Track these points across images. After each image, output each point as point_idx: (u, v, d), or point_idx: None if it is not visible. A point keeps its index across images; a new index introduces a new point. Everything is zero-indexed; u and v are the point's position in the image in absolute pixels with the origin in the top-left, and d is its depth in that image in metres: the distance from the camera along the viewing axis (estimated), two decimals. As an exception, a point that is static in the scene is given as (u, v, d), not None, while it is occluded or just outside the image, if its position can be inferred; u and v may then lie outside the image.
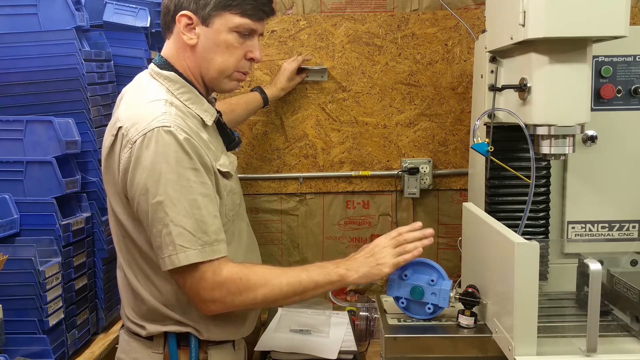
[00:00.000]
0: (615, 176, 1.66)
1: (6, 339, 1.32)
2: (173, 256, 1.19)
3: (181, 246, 1.19)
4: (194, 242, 1.20)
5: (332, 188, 2.16)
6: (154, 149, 1.18)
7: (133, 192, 1.21)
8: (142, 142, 1.19)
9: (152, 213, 1.19)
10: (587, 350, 1.21)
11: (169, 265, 1.20)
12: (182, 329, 1.31)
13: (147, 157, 1.19)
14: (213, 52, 1.30)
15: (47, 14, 1.58)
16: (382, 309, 1.58)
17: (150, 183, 1.18)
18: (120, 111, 1.28)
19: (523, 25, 1.31)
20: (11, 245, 1.40)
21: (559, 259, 1.69)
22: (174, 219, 1.18)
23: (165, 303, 1.30)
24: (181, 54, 1.32)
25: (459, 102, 2.09)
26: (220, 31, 1.28)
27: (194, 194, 1.21)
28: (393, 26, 2.07)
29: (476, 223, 1.51)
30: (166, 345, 1.32)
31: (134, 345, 1.36)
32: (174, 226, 1.18)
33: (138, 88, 1.34)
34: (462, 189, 2.13)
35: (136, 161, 1.19)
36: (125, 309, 1.37)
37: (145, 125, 1.20)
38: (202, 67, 1.32)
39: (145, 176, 1.19)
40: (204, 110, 1.34)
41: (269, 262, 2.20)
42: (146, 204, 1.19)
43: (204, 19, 1.28)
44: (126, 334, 1.39)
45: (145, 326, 1.32)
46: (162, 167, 1.18)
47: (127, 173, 1.21)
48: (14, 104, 1.56)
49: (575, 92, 1.35)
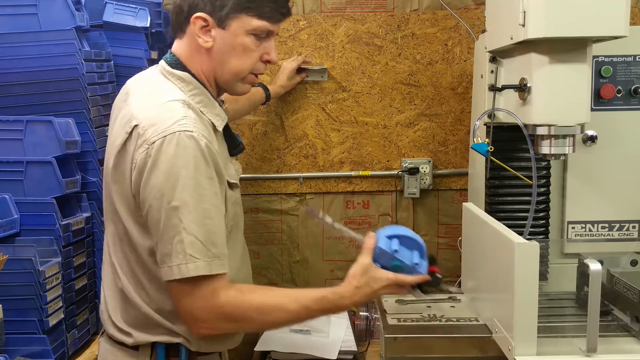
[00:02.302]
0: (615, 176, 1.66)
1: (6, 339, 1.32)
2: (182, 265, 1.14)
3: (191, 256, 1.14)
4: (203, 253, 1.15)
5: (332, 188, 2.16)
6: (174, 153, 1.14)
7: (146, 194, 1.16)
8: (162, 144, 1.14)
9: (166, 218, 1.14)
10: (587, 350, 1.21)
11: (176, 274, 1.14)
12: (172, 339, 1.25)
13: (166, 160, 1.14)
14: (229, 54, 1.26)
15: (47, 14, 1.58)
16: (382, 309, 1.58)
17: (166, 187, 1.14)
18: (134, 108, 1.22)
19: (523, 25, 1.31)
20: (11, 245, 1.40)
21: (559, 259, 1.69)
22: (187, 227, 1.14)
23: (158, 310, 1.24)
24: (195, 56, 1.27)
25: (459, 102, 2.09)
26: (238, 34, 1.24)
27: (207, 203, 1.17)
28: (393, 26, 2.07)
29: (476, 223, 1.51)
30: (153, 356, 1.25)
31: (118, 355, 1.28)
32: (186, 234, 1.14)
33: (151, 85, 1.28)
34: (462, 189, 2.13)
35: (153, 163, 1.14)
36: (111, 313, 1.28)
37: (165, 128, 1.15)
38: (217, 70, 1.28)
39: (162, 179, 1.14)
40: (215, 114, 1.29)
41: (269, 262, 2.21)
42: (159, 208, 1.14)
43: (220, 21, 1.23)
44: (108, 342, 1.31)
45: (133, 334, 1.25)
46: (180, 172, 1.14)
47: (142, 174, 1.16)
48: (14, 104, 1.56)
49: (575, 92, 1.35)
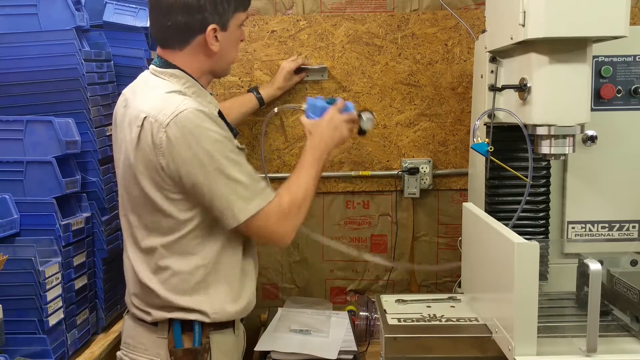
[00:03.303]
0: (615, 176, 1.66)
1: (6, 339, 1.31)
2: (243, 209, 1.31)
3: (247, 198, 1.32)
4: (254, 191, 1.33)
5: (332, 188, 2.16)
6: (192, 126, 1.27)
7: (184, 169, 1.28)
8: (176, 123, 1.26)
9: (212, 181, 1.29)
10: (587, 350, 1.21)
11: (242, 218, 1.31)
12: (187, 316, 1.38)
13: (187, 134, 1.27)
14: (229, 49, 1.42)
15: (47, 14, 1.57)
16: (382, 309, 1.58)
17: (201, 155, 1.28)
18: (138, 105, 1.33)
19: (523, 25, 1.31)
20: (11, 245, 1.39)
21: (559, 259, 1.69)
22: (234, 178, 1.31)
23: (173, 290, 1.37)
24: (193, 59, 1.39)
25: (459, 102, 2.09)
26: (234, 30, 1.40)
27: (234, 155, 1.33)
28: (393, 26, 2.07)
29: (476, 223, 1.51)
30: (170, 331, 1.39)
31: (140, 331, 1.43)
32: (235, 184, 1.31)
33: (147, 85, 1.39)
34: (462, 189, 2.13)
35: (176, 141, 1.27)
36: (132, 296, 1.43)
37: (173, 109, 1.28)
38: (215, 65, 1.42)
39: (192, 152, 1.27)
40: (208, 102, 1.41)
41: (269, 262, 2.21)
42: (203, 175, 1.28)
43: (223, 25, 1.37)
44: (131, 319, 1.46)
45: (151, 312, 1.39)
46: (203, 140, 1.28)
47: (171, 154, 1.28)
48: (14, 104, 1.56)
49: (575, 92, 1.35)
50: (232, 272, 1.42)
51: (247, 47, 2.08)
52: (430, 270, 2.19)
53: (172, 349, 1.38)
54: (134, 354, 1.43)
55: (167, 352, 1.39)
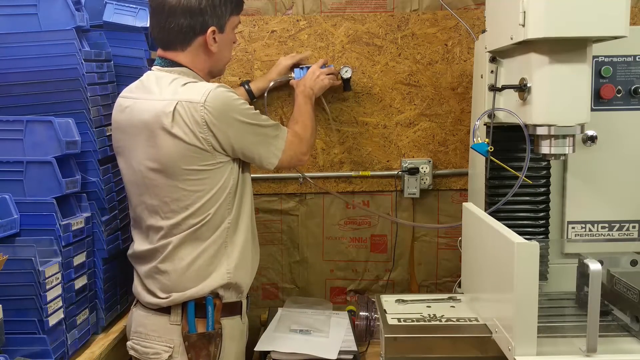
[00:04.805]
0: (615, 176, 1.66)
1: (6, 339, 1.31)
2: (279, 147, 1.57)
3: (277, 138, 1.57)
4: (279, 131, 1.59)
5: (332, 188, 2.16)
6: (225, 98, 1.45)
7: (232, 132, 1.45)
8: (213, 99, 1.42)
9: (256, 136, 1.51)
10: (587, 350, 1.21)
11: (279, 154, 1.57)
12: (200, 297, 1.48)
13: (225, 105, 1.44)
14: (224, 51, 1.57)
15: (47, 14, 1.57)
16: (382, 309, 1.58)
17: (243, 117, 1.47)
18: (162, 97, 1.44)
19: (523, 25, 1.31)
20: (11, 245, 1.39)
21: (559, 259, 1.69)
22: (264, 127, 1.54)
23: (186, 273, 1.47)
24: (195, 59, 1.52)
25: (459, 102, 2.09)
26: (229, 33, 1.56)
27: (254, 112, 1.52)
28: (393, 26, 2.07)
29: (476, 223, 1.51)
30: (184, 317, 1.47)
31: (152, 319, 1.51)
32: (266, 132, 1.55)
33: (162, 80, 1.49)
34: (462, 189, 2.13)
35: (219, 113, 1.42)
36: (146, 285, 1.52)
37: (203, 91, 1.43)
38: (214, 65, 1.57)
39: (233, 117, 1.45)
40: None
41: (269, 262, 2.21)
42: (252, 133, 1.50)
43: (220, 27, 1.51)
44: (142, 309, 1.54)
45: (165, 297, 1.47)
46: (238, 107, 1.47)
47: (215, 126, 1.43)
48: (14, 104, 1.56)
49: (575, 92, 1.35)
50: (245, 245, 1.56)
51: (247, 47, 2.08)
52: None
53: (185, 334, 1.45)
54: (146, 341, 1.50)
55: (180, 337, 1.45)
